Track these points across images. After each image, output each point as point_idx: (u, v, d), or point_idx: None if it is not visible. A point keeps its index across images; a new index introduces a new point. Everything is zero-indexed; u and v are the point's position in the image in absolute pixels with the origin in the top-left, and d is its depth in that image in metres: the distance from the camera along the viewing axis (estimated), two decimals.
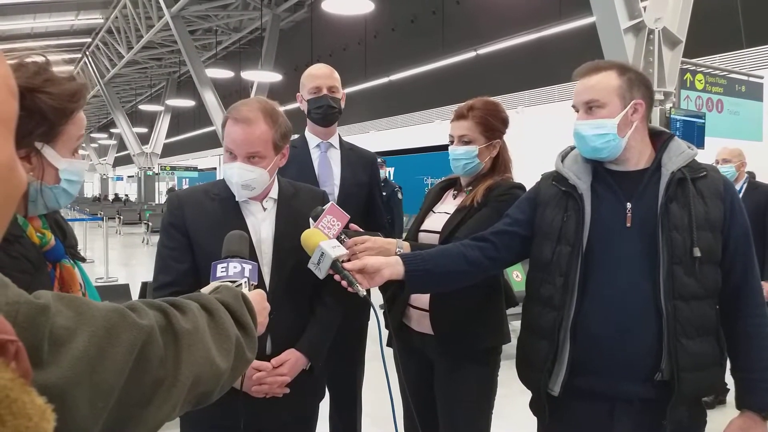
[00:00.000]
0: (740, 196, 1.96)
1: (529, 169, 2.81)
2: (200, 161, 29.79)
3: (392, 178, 12.82)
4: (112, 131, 37.99)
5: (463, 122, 2.00)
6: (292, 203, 1.72)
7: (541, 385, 1.58)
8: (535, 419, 1.71)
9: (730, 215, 1.51)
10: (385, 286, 1.67)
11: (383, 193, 3.22)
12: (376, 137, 16.34)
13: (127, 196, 34.71)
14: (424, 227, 2.06)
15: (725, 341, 1.54)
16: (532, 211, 1.68)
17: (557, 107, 10.63)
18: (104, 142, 43.12)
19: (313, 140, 2.51)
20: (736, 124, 5.80)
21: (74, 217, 14.41)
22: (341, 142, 2.56)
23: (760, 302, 1.53)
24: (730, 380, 1.58)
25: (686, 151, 1.56)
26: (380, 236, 1.74)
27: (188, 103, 21.82)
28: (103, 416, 0.62)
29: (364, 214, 2.45)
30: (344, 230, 1.62)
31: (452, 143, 2.02)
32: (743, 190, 3.87)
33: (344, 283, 1.51)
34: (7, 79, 0.44)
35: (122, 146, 32.90)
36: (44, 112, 1.00)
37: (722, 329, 1.54)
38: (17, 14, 17.29)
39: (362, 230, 1.76)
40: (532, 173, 2.01)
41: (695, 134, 5.05)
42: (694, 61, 5.55)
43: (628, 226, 1.51)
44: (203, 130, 25.36)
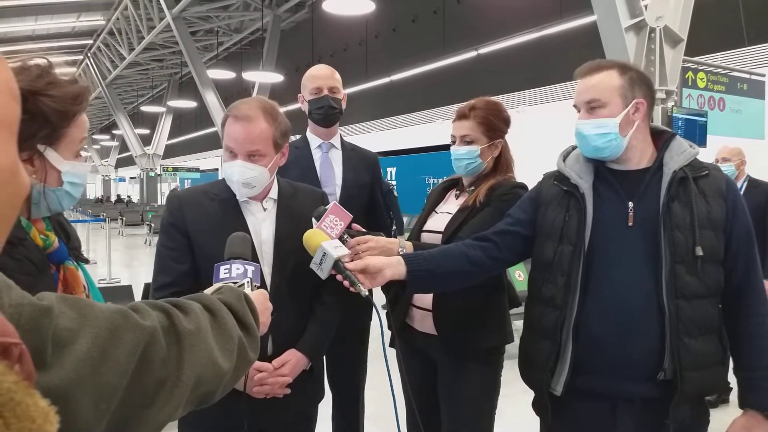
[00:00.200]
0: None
1: (530, 168, 2.81)
2: (202, 162, 29.79)
3: (393, 178, 12.82)
4: (114, 133, 38.05)
5: (464, 122, 2.00)
6: (291, 203, 1.72)
7: (543, 384, 1.58)
8: (537, 419, 1.71)
9: (732, 214, 1.50)
10: (387, 286, 1.67)
11: None
12: (377, 137, 16.33)
13: (129, 197, 34.74)
14: (426, 227, 2.06)
15: (728, 340, 1.54)
16: (533, 210, 1.67)
17: (559, 107, 10.60)
18: (106, 143, 43.18)
19: (314, 141, 2.51)
20: (738, 122, 5.78)
21: (77, 218, 14.44)
22: (343, 142, 2.57)
23: (762, 301, 1.53)
24: (733, 379, 1.58)
25: (688, 150, 1.56)
26: (383, 236, 1.74)
27: (190, 104, 21.83)
28: (106, 417, 0.62)
29: (366, 214, 2.45)
30: (347, 230, 1.62)
31: (454, 143, 2.03)
32: (744, 188, 3.86)
33: (346, 283, 1.50)
34: (9, 82, 0.45)
35: (124, 147, 32.95)
36: (47, 115, 1.00)
37: (725, 328, 1.53)
38: (19, 16, 17.33)
39: (365, 230, 1.76)
40: (533, 173, 2.00)
41: (697, 133, 5.03)
42: (695, 59, 5.53)
43: (630, 225, 1.51)
44: (205, 131, 25.41)
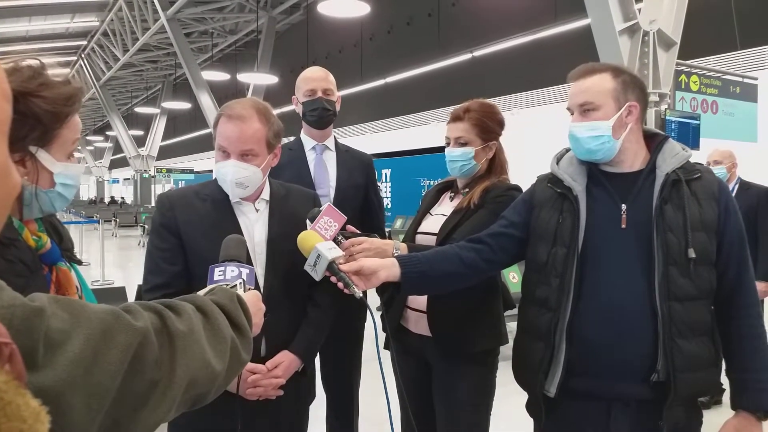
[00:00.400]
0: None
1: (525, 170, 2.82)
2: (196, 164, 29.71)
3: (388, 180, 12.83)
4: (107, 134, 37.91)
5: (459, 124, 2.00)
6: (284, 204, 1.72)
7: (537, 386, 1.58)
8: (532, 420, 1.71)
9: (724, 216, 1.51)
10: (382, 288, 1.67)
11: None
12: (372, 139, 16.34)
13: (123, 198, 34.60)
14: (421, 229, 2.06)
15: (720, 342, 1.55)
16: (527, 212, 1.68)
17: (553, 109, 10.64)
18: (100, 144, 42.99)
19: (308, 143, 2.51)
20: (730, 125, 5.82)
21: (70, 219, 14.37)
22: (337, 144, 2.57)
23: (754, 302, 1.54)
24: (725, 380, 1.59)
25: (680, 152, 1.57)
26: (377, 238, 1.74)
27: (184, 105, 21.79)
28: (98, 418, 0.62)
29: (360, 215, 2.45)
30: (341, 231, 1.62)
31: (449, 145, 2.03)
32: (735, 190, 3.88)
33: (341, 284, 1.50)
34: (0, 83, 0.44)
35: (118, 149, 32.86)
36: (39, 116, 1.00)
37: (717, 330, 1.54)
38: (12, 17, 17.25)
39: (359, 231, 1.76)
40: (528, 175, 2.01)
41: (690, 135, 5.06)
42: (688, 62, 5.57)
43: (623, 227, 1.52)
44: (199, 132, 25.36)
